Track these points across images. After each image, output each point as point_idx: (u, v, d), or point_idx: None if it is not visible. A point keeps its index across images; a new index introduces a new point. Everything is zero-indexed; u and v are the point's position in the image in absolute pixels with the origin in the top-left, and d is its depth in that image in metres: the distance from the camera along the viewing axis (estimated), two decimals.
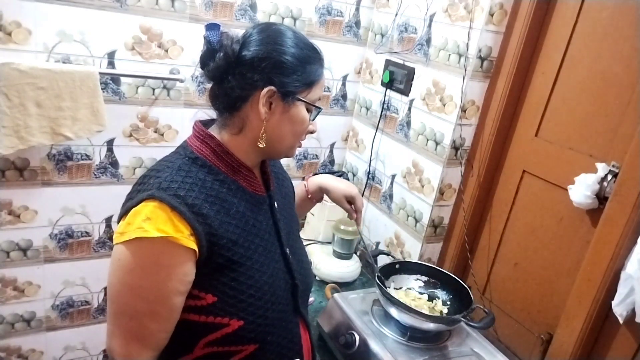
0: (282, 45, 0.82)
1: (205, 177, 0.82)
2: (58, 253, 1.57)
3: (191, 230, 0.75)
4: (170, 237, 0.73)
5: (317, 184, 1.20)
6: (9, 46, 1.30)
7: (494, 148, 1.42)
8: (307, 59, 0.84)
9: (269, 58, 0.81)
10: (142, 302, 0.76)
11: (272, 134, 0.85)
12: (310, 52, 0.86)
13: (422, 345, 1.18)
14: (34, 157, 1.43)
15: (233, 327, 0.81)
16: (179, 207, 0.74)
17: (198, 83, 1.58)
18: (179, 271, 0.75)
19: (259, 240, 0.86)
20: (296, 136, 0.88)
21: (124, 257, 0.75)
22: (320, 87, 0.88)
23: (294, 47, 0.83)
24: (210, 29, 0.82)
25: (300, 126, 0.87)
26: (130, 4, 1.40)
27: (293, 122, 0.86)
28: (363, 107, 1.87)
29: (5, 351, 1.59)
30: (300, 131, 0.88)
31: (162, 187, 0.76)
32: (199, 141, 0.85)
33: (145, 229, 0.73)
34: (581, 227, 1.21)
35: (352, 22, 1.77)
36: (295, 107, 0.84)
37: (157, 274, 0.75)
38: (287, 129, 0.86)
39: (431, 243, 1.58)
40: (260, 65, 0.81)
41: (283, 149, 0.89)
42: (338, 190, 1.18)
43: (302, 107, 0.85)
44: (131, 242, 0.73)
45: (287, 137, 0.87)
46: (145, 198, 0.75)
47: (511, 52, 1.35)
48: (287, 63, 0.82)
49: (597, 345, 1.15)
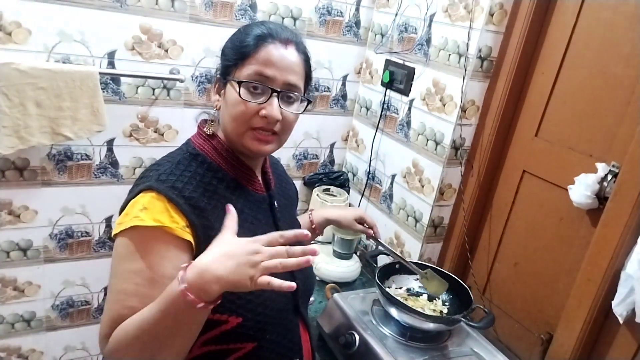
0: (232, 34, 0.87)
1: (205, 173, 0.83)
2: (58, 253, 1.57)
3: (187, 222, 0.76)
4: (165, 227, 0.74)
5: (324, 217, 1.23)
6: (9, 46, 1.30)
7: (494, 148, 1.42)
8: (241, 37, 0.84)
9: (222, 49, 0.87)
10: (135, 285, 0.75)
11: (221, 121, 0.87)
12: (248, 29, 0.84)
13: (422, 345, 1.18)
14: (34, 157, 1.43)
15: (232, 324, 0.81)
16: (175, 198, 0.75)
17: (198, 83, 1.58)
18: (173, 257, 0.75)
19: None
20: (236, 120, 0.82)
21: (120, 245, 0.76)
22: (258, 62, 0.81)
23: (240, 32, 0.86)
24: None
25: (233, 108, 0.82)
26: (130, 4, 1.40)
27: (227, 104, 0.84)
28: (363, 107, 1.87)
29: (5, 351, 1.59)
30: (235, 114, 0.82)
31: (161, 179, 0.78)
32: (201, 139, 0.87)
33: (142, 218, 0.74)
34: (581, 227, 1.21)
35: (352, 22, 1.77)
36: (228, 89, 0.84)
37: (148, 259, 0.75)
38: (225, 113, 0.85)
39: (431, 243, 1.58)
40: (220, 59, 0.87)
41: (233, 137, 0.85)
42: (346, 217, 1.24)
43: (233, 86, 0.82)
44: (127, 230, 0.75)
45: (227, 123, 0.85)
46: (143, 189, 0.77)
47: (511, 52, 1.35)
48: (226, 47, 0.86)
49: (597, 346, 1.15)
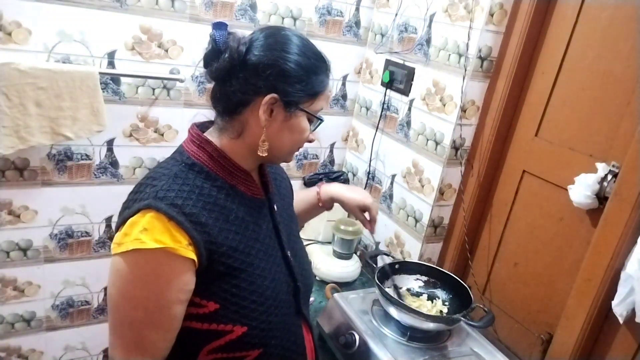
0: (289, 53, 0.80)
1: (203, 184, 0.80)
2: (58, 253, 1.57)
3: (189, 240, 0.74)
4: (167, 248, 0.72)
5: (330, 194, 1.18)
6: (9, 46, 1.30)
7: (494, 148, 1.42)
8: (313, 68, 0.83)
9: (275, 65, 0.79)
10: (142, 312, 0.75)
11: (271, 141, 0.83)
12: (317, 61, 0.84)
13: (422, 345, 1.18)
14: (34, 157, 1.43)
15: (237, 333, 0.80)
16: (176, 216, 0.73)
17: (198, 83, 1.58)
18: (178, 281, 0.74)
19: (259, 245, 0.85)
20: (295, 145, 0.88)
21: (122, 268, 0.74)
22: (324, 99, 0.87)
23: (301, 55, 0.81)
24: (217, 28, 0.80)
25: (299, 135, 0.86)
26: (130, 4, 1.40)
27: (293, 131, 0.85)
28: (363, 107, 1.87)
29: (5, 351, 1.59)
30: (299, 140, 0.87)
31: (159, 196, 0.75)
32: (195, 146, 0.84)
33: (143, 240, 0.71)
34: (581, 227, 1.21)
35: (352, 22, 1.77)
36: (296, 116, 0.83)
37: (156, 284, 0.74)
38: (287, 138, 0.85)
39: (431, 243, 1.58)
40: (265, 72, 0.79)
41: (281, 155, 0.88)
42: (352, 201, 1.17)
43: (304, 117, 0.85)
44: (128, 253, 0.72)
45: (285, 146, 0.86)
46: (141, 208, 0.74)
47: (511, 52, 1.35)
48: (292, 72, 0.80)
49: (597, 345, 1.15)
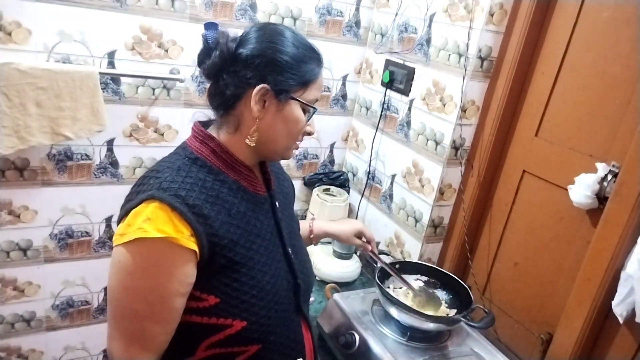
0: (277, 44, 0.82)
1: (206, 177, 0.81)
2: (58, 253, 1.57)
3: (192, 231, 0.74)
4: (170, 238, 0.72)
5: (323, 231, 1.24)
6: (9, 46, 1.30)
7: (494, 148, 1.42)
8: (302, 57, 0.83)
9: (263, 55, 0.81)
10: (143, 304, 0.75)
11: (266, 133, 0.84)
12: (307, 51, 0.85)
13: (422, 345, 1.18)
14: (34, 157, 1.43)
15: (236, 327, 0.80)
16: (179, 207, 0.74)
17: (198, 83, 1.58)
18: (179, 272, 0.75)
19: (260, 240, 0.86)
20: (291, 137, 0.87)
21: (124, 258, 0.74)
22: (317, 88, 0.87)
23: (289, 45, 0.83)
24: (208, 27, 0.83)
25: (294, 126, 0.86)
26: (130, 4, 1.40)
27: (287, 121, 0.84)
28: (363, 107, 1.87)
29: (5, 351, 1.59)
30: (294, 131, 0.86)
31: (163, 187, 0.76)
32: (198, 142, 0.85)
33: (146, 230, 0.72)
34: (581, 227, 1.21)
35: (352, 22, 1.77)
36: (289, 106, 0.84)
37: (158, 276, 0.74)
38: (281, 129, 0.85)
39: (431, 243, 1.58)
40: (254, 63, 0.81)
41: (278, 149, 0.88)
42: (345, 232, 1.24)
43: (297, 106, 0.85)
44: (131, 243, 0.73)
45: (280, 137, 0.86)
46: (145, 199, 0.75)
47: (511, 52, 1.35)
48: (281, 61, 0.81)
49: (597, 345, 1.15)
